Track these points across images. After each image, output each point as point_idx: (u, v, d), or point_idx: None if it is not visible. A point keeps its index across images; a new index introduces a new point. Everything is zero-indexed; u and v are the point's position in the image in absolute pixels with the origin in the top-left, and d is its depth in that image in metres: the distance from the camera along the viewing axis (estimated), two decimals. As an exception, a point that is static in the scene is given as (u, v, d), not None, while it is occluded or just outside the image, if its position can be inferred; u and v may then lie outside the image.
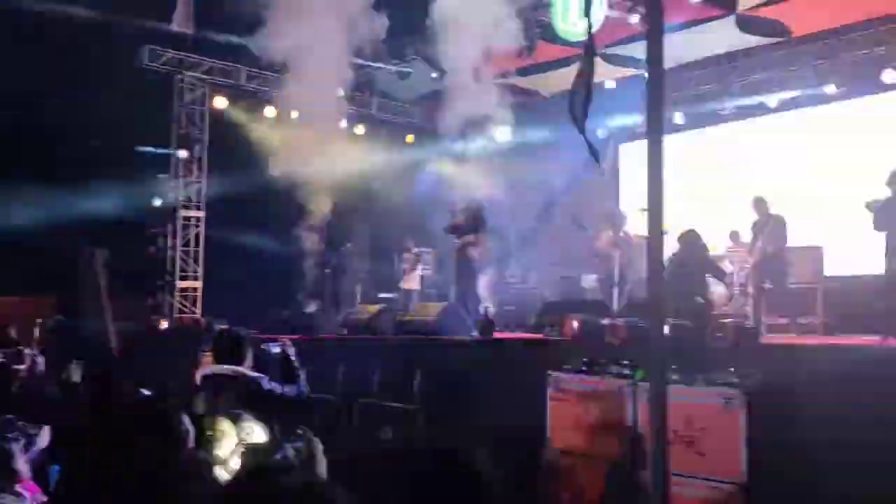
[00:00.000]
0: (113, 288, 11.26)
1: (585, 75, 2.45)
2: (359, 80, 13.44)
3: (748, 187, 12.48)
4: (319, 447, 2.66)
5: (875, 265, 9.80)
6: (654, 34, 2.34)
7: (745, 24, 10.50)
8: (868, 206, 7.68)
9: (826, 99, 11.64)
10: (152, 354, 9.37)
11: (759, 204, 9.83)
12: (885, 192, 7.29)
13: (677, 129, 13.29)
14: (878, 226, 7.40)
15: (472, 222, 9.78)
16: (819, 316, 9.13)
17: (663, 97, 2.43)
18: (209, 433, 3.07)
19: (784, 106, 12.04)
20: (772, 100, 11.91)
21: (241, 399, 3.55)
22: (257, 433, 3.24)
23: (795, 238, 11.97)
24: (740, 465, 4.99)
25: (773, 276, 9.16)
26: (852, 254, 11.38)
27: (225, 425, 3.16)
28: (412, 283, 12.37)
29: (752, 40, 10.97)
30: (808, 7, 9.80)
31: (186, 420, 2.15)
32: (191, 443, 2.14)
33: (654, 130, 2.37)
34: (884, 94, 11.29)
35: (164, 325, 11.57)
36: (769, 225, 9.50)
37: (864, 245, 11.14)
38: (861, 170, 11.55)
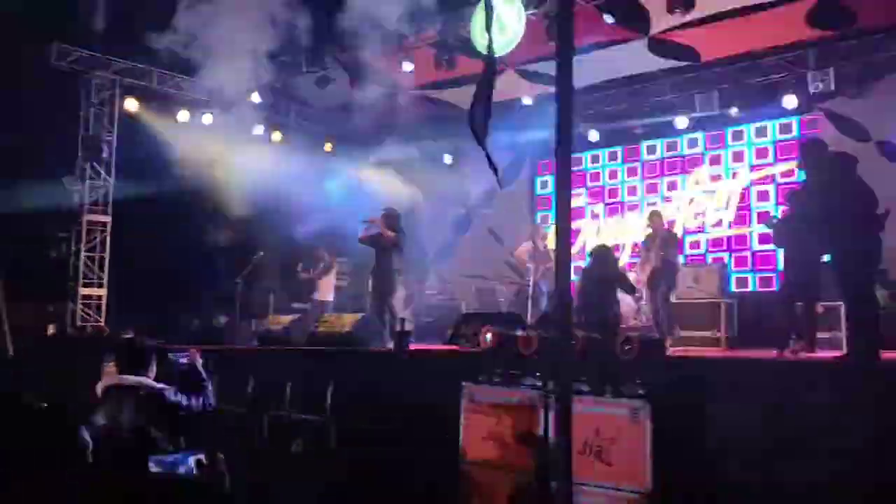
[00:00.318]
0: (11, 293, 10.76)
1: (485, 89, 2.47)
2: (276, 86, 13.26)
3: (656, 204, 12.94)
4: (223, 459, 2.59)
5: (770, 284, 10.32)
6: (563, 52, 2.39)
7: (657, 47, 10.87)
8: (769, 223, 7.99)
9: (730, 121, 12.17)
10: (51, 363, 8.97)
11: (654, 218, 10.15)
12: (781, 210, 7.65)
13: (591, 146, 13.64)
14: (777, 242, 7.76)
15: (389, 232, 9.76)
16: (722, 330, 9.47)
17: (571, 116, 2.49)
18: None
19: (692, 127, 12.52)
20: (680, 121, 12.35)
21: (144, 411, 3.42)
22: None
23: (701, 254, 12.45)
24: (646, 475, 5.12)
25: (662, 289, 9.44)
26: (756, 270, 11.94)
27: None
28: (326, 293, 12.23)
29: (663, 63, 11.35)
30: (716, 33, 10.21)
31: (86, 433, 2.05)
32: (89, 458, 2.05)
33: (563, 151, 2.42)
34: (784, 119, 11.90)
35: (67, 332, 11.07)
36: (658, 239, 9.83)
37: (767, 262, 11.75)
38: (762, 189, 12.16)
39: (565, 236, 2.36)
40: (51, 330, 10.32)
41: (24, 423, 2.00)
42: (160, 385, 3.91)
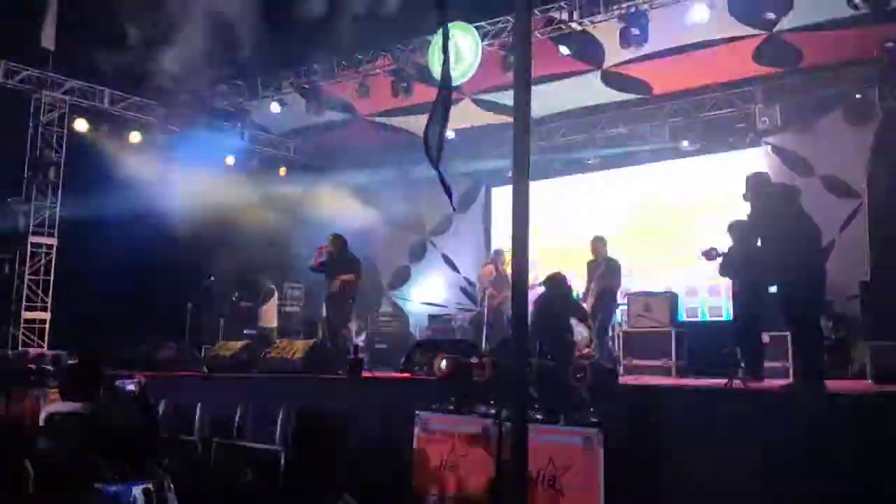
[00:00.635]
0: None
1: (441, 112, 2.49)
2: (231, 109, 13.16)
3: (609, 233, 13.11)
4: (171, 488, 2.52)
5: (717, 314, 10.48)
6: (519, 80, 2.42)
7: (610, 79, 11.09)
8: (710, 255, 7.96)
9: (680, 154, 12.43)
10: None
11: (597, 245, 10.10)
12: (726, 242, 7.79)
13: (546, 175, 13.80)
14: (723, 273, 7.89)
15: (339, 258, 9.69)
16: (673, 359, 9.58)
17: (528, 143, 2.51)
18: None
19: (643, 158, 12.76)
20: (632, 152, 12.58)
21: (88, 438, 3.31)
22: None
23: (652, 283, 12.61)
24: (599, 503, 5.13)
25: (599, 318, 9.36)
26: (706, 300, 12.14)
27: None
28: (269, 320, 12.05)
29: (617, 95, 11.58)
30: (668, 68, 10.47)
31: (28, 464, 1.97)
32: (31, 488, 1.97)
33: (520, 178, 2.44)
34: (732, 152, 12.21)
35: (6, 356, 10.69)
36: (601, 267, 9.87)
37: (716, 291, 11.96)
38: (711, 221, 12.39)
39: (523, 263, 2.36)
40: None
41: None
42: (106, 412, 3.80)
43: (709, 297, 12.09)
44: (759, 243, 6.94)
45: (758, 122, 11.15)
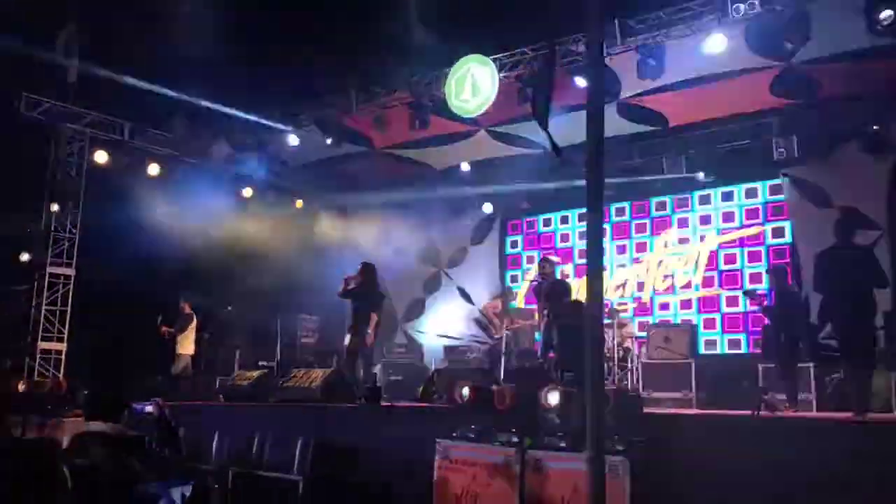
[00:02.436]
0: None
1: (547, 75, 2.58)
2: (248, 142, 13.28)
3: (625, 266, 13.10)
4: (215, 487, 2.48)
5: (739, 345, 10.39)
6: (595, 104, 2.44)
7: (626, 111, 11.13)
8: (748, 293, 8.43)
9: (697, 185, 12.43)
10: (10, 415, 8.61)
11: (545, 265, 9.70)
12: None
13: (560, 207, 13.84)
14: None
15: (368, 288, 9.67)
16: (693, 391, 9.48)
17: (602, 172, 2.54)
18: None
19: (659, 190, 12.77)
20: (648, 183, 12.59)
21: (115, 454, 3.28)
22: None
23: (669, 315, 12.54)
24: (626, 533, 5.04)
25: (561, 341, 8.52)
26: (725, 332, 12.05)
27: None
28: (187, 347, 11.70)
29: (633, 127, 11.60)
30: (684, 100, 10.51)
31: (65, 470, 1.96)
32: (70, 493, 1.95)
33: (595, 207, 2.44)
34: (748, 183, 12.21)
35: (21, 387, 10.66)
36: (551, 287, 9.39)
37: (735, 324, 11.87)
38: (729, 253, 12.36)
39: (598, 291, 2.34)
40: (21, 387, 9.95)
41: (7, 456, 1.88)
42: (131, 432, 3.78)
43: (728, 329, 12.01)
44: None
45: (775, 153, 11.13)
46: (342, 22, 11.17)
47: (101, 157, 12.72)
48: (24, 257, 12.35)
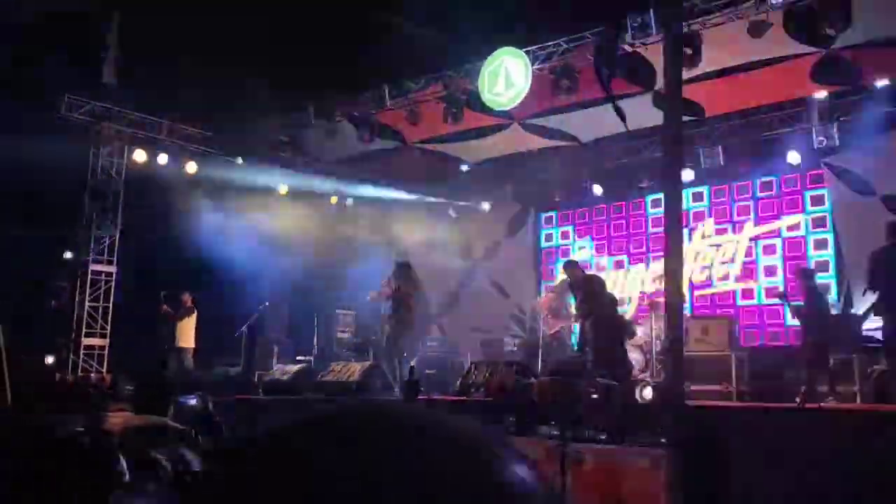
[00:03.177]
0: (11, 344, 10.62)
1: (608, 49, 2.56)
2: (284, 139, 13.40)
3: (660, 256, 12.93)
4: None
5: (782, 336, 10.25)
6: (672, 92, 2.41)
7: (662, 102, 11.00)
8: (779, 294, 8.96)
9: (735, 175, 12.26)
10: (52, 412, 8.79)
11: (567, 270, 9.70)
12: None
13: (597, 199, 13.73)
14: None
15: (404, 286, 9.73)
16: (733, 384, 9.36)
17: (682, 159, 2.51)
18: None
19: (697, 181, 12.61)
20: (685, 174, 12.42)
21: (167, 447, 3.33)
22: None
23: (707, 307, 12.38)
24: (669, 526, 5.00)
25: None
26: (765, 324, 11.88)
27: None
28: (187, 340, 11.69)
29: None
30: (721, 88, 10.35)
31: (122, 462, 1.99)
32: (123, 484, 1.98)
33: (673, 196, 2.40)
34: (790, 174, 12.00)
35: (66, 381, 10.90)
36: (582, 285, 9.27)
37: (775, 315, 11.71)
38: (768, 244, 12.18)
39: (677, 284, 2.32)
40: (56, 377, 10.17)
41: (59, 456, 1.91)
42: (178, 425, 3.83)
43: (768, 320, 11.85)
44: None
45: (815, 141, 10.94)
46: (373, 15, 11.20)
47: (140, 156, 12.92)
48: (67, 255, 12.58)
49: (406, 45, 11.27)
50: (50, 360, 12.34)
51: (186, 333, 11.79)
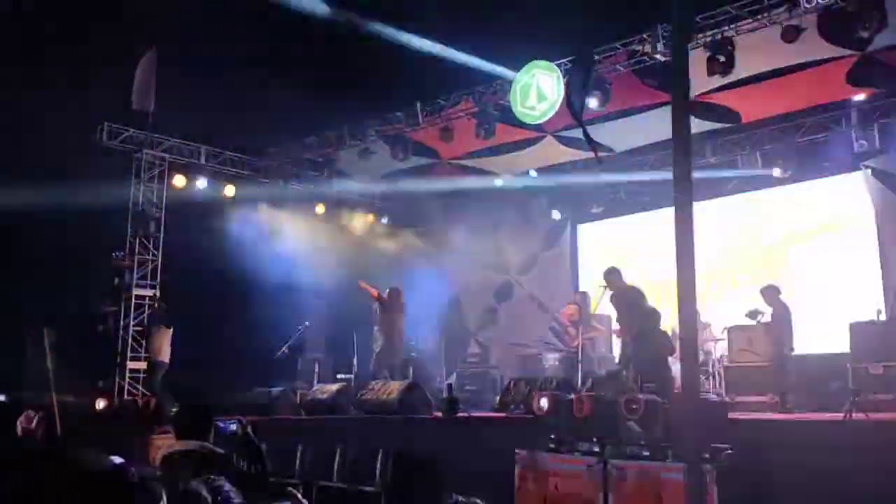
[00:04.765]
0: (60, 368, 10.86)
1: (582, 71, 2.55)
2: (319, 160, 13.56)
3: (700, 268, 12.74)
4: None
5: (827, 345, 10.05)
6: (677, 103, 2.41)
7: (696, 109, 10.91)
8: (750, 314, 9.32)
9: (774, 182, 12.06)
10: (100, 435, 8.97)
11: (608, 276, 9.49)
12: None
13: (637, 209, 13.61)
14: None
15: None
16: (777, 393, 9.18)
17: (691, 175, 2.50)
18: None
19: (735, 188, 12.45)
20: (723, 181, 12.29)
21: (208, 473, 3.37)
22: None
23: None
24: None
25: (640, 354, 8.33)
26: (807, 333, 11.62)
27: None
28: (161, 353, 11.72)
29: (705, 125, 11.36)
30: (757, 94, 10.24)
31: (164, 497, 2.02)
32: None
33: (684, 209, 2.39)
34: (828, 177, 11.77)
35: (107, 405, 11.06)
36: (622, 296, 9.23)
37: (818, 326, 11.46)
38: (808, 247, 11.95)
39: (690, 297, 2.30)
40: (100, 404, 10.34)
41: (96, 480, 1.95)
42: (219, 450, 3.88)
43: (813, 328, 11.58)
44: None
45: (855, 145, 10.73)
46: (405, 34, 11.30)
47: (179, 181, 13.15)
48: (115, 281, 12.82)
49: (438, 62, 11.34)
50: (99, 384, 12.56)
51: (159, 345, 11.82)
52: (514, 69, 10.53)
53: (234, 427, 4.95)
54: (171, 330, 11.94)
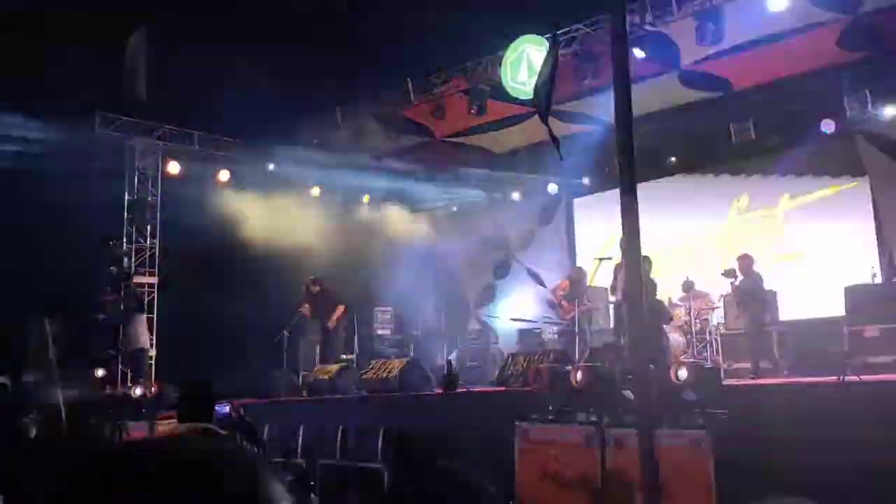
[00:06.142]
0: (62, 357, 10.92)
1: (548, 73, 2.59)
2: (314, 141, 13.54)
3: (697, 238, 12.83)
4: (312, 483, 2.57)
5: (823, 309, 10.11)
6: (620, 87, 2.44)
7: (687, 78, 10.89)
8: (726, 273, 9.20)
9: (766, 149, 12.06)
10: (103, 423, 9.06)
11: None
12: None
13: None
14: None
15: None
16: (776, 359, 9.25)
17: (633, 147, 2.52)
18: None
19: (728, 157, 12.44)
20: (716, 151, 12.29)
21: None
22: None
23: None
24: (711, 507, 5.00)
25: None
26: (804, 298, 11.69)
27: None
28: (139, 340, 11.74)
29: (696, 94, 11.34)
30: (747, 62, 10.21)
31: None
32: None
33: (627, 186, 2.44)
34: (824, 144, 11.76)
35: (113, 392, 11.16)
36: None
37: (814, 290, 11.52)
38: (803, 212, 11.98)
39: (635, 268, 2.35)
40: (113, 392, 10.43)
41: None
42: (222, 431, 3.95)
43: (808, 293, 11.65)
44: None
45: (847, 109, 10.72)
46: (394, 13, 11.24)
47: (173, 167, 13.15)
48: (112, 270, 12.85)
49: (427, 38, 11.29)
50: (100, 372, 12.63)
51: (137, 333, 11.80)
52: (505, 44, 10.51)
53: (226, 409, 5.01)
54: (145, 316, 12.00)
